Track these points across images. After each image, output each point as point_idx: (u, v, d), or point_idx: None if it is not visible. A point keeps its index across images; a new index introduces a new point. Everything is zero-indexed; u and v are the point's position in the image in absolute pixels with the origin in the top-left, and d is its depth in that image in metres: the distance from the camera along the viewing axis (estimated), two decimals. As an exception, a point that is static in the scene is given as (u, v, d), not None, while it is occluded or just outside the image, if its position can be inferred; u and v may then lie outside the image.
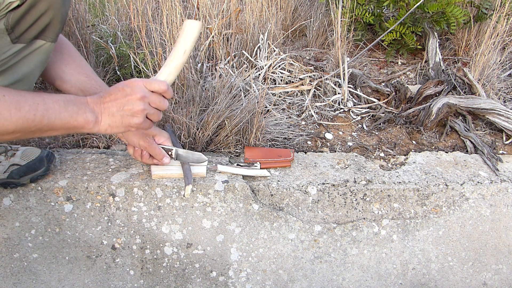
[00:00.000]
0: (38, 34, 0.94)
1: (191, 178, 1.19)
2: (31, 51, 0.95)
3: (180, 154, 1.21)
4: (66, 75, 1.13)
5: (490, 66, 1.80)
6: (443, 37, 2.23)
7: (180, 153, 1.21)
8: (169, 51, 1.44)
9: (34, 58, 0.97)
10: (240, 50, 1.81)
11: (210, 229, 1.30)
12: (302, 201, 1.30)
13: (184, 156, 1.22)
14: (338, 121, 1.66)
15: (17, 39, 0.91)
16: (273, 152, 1.38)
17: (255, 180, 1.29)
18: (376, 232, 1.35)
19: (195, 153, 1.22)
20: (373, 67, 2.03)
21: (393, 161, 1.47)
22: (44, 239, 1.29)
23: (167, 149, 1.20)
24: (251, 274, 1.38)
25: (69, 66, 1.14)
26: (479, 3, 1.98)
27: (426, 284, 1.46)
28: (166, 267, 1.36)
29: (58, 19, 0.95)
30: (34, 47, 0.95)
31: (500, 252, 1.44)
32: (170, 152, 1.21)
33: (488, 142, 1.58)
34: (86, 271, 1.35)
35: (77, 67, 1.15)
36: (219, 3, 1.83)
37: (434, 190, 1.32)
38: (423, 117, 1.62)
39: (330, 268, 1.40)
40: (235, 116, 1.37)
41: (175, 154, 1.21)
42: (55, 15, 0.93)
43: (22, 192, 1.22)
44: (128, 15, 1.96)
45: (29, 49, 0.95)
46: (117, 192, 1.24)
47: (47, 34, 0.95)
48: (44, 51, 0.98)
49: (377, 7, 2.04)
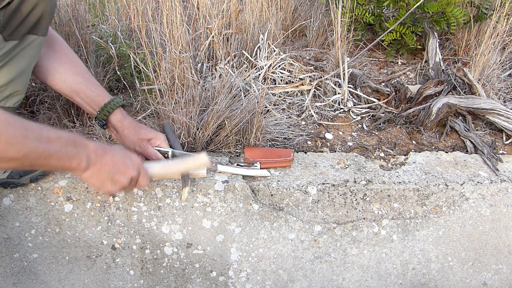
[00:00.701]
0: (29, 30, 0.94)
1: (188, 180, 1.18)
2: (24, 47, 0.95)
3: (176, 156, 1.21)
4: (60, 75, 1.11)
5: (490, 66, 1.80)
6: (443, 37, 2.23)
7: (176, 154, 1.20)
8: (169, 51, 1.44)
9: (26, 53, 0.96)
10: (240, 50, 1.81)
11: (210, 229, 1.30)
12: (302, 201, 1.30)
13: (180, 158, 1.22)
14: (338, 121, 1.66)
15: (10, 36, 0.91)
16: (273, 152, 1.38)
17: (255, 180, 1.29)
18: (376, 232, 1.35)
19: (191, 154, 1.21)
20: (373, 67, 2.03)
21: (393, 161, 1.47)
22: (44, 239, 1.29)
23: (163, 151, 1.19)
24: (251, 274, 1.38)
25: (63, 65, 1.11)
26: (479, 3, 1.98)
27: (426, 284, 1.46)
28: (166, 267, 1.36)
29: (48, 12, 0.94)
30: (26, 42, 0.95)
31: (500, 252, 1.44)
32: (166, 154, 1.20)
33: (488, 142, 1.58)
34: (86, 271, 1.35)
35: (72, 67, 1.13)
36: (219, 3, 1.83)
37: (434, 190, 1.32)
38: (423, 117, 1.62)
39: (330, 268, 1.40)
40: (235, 116, 1.37)
41: (171, 156, 1.20)
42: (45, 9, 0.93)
43: (22, 192, 1.22)
44: (128, 15, 1.96)
45: (21, 46, 0.95)
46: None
47: (38, 29, 0.95)
48: (36, 46, 0.97)
49: (377, 7, 2.04)
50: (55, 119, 1.46)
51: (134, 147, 1.17)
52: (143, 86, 1.57)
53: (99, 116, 1.14)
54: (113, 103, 1.14)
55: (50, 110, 1.48)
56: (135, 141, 1.16)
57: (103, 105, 1.13)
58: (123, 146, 1.19)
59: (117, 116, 1.15)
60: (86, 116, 1.46)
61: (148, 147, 1.17)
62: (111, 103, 1.14)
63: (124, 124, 1.16)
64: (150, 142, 1.18)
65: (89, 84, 1.14)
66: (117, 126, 1.17)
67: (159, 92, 1.45)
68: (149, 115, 1.52)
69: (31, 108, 1.51)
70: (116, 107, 1.14)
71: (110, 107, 1.13)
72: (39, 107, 1.50)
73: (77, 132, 1.42)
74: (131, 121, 1.18)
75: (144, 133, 1.17)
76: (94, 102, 1.14)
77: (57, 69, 1.10)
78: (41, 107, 1.50)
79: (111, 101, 1.14)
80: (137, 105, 1.58)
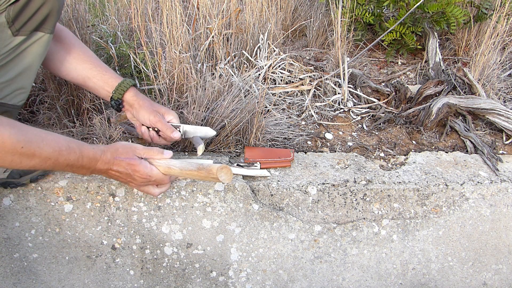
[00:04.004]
0: (37, 26, 0.96)
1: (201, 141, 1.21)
2: (31, 43, 0.98)
3: (188, 131, 1.24)
4: (71, 64, 1.17)
5: (490, 66, 1.80)
6: (443, 37, 2.23)
7: (187, 129, 1.23)
8: (169, 51, 1.44)
9: (33, 50, 0.99)
10: (240, 50, 1.81)
11: (210, 229, 1.30)
12: (302, 201, 1.30)
13: (192, 132, 1.24)
14: (338, 121, 1.66)
15: (18, 31, 0.93)
16: (273, 152, 1.38)
17: (255, 180, 1.29)
18: (376, 232, 1.35)
19: (202, 128, 1.25)
20: (373, 67, 2.03)
21: (393, 161, 1.47)
22: (44, 239, 1.29)
23: (175, 125, 1.22)
24: (251, 274, 1.38)
25: (72, 54, 1.17)
26: (479, 3, 1.98)
27: (426, 284, 1.46)
28: (166, 267, 1.36)
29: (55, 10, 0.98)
30: (34, 39, 0.98)
31: (500, 252, 1.44)
32: (178, 128, 1.22)
33: (488, 142, 1.58)
34: (86, 271, 1.35)
35: (80, 55, 1.18)
36: (219, 3, 1.83)
37: (434, 190, 1.32)
38: (423, 117, 1.62)
39: (330, 268, 1.40)
40: (235, 116, 1.37)
41: (182, 131, 1.23)
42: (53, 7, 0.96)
43: (22, 192, 1.22)
44: (128, 15, 1.96)
45: (28, 42, 0.97)
46: (117, 192, 1.24)
47: (45, 26, 0.98)
48: (43, 43, 1.00)
49: (377, 7, 2.04)
50: (55, 119, 1.46)
51: (149, 116, 1.20)
52: (143, 86, 1.58)
53: (114, 96, 1.20)
54: (126, 82, 1.20)
55: (50, 110, 1.48)
56: (151, 111, 1.20)
57: (117, 85, 1.19)
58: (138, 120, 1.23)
59: (131, 93, 1.21)
60: (86, 116, 1.46)
61: (162, 117, 1.21)
62: (124, 82, 1.20)
63: (139, 98, 1.22)
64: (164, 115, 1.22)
65: (100, 68, 1.19)
66: (132, 101, 1.22)
67: (159, 92, 1.45)
68: (149, 115, 1.52)
69: (31, 108, 1.51)
70: (130, 86, 1.20)
71: (124, 86, 1.19)
72: (39, 107, 1.50)
73: (78, 130, 1.42)
74: (144, 97, 1.24)
75: (158, 106, 1.23)
76: (108, 84, 1.20)
77: (67, 59, 1.16)
78: (41, 107, 1.50)
79: (124, 81, 1.20)
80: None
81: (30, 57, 0.99)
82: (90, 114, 1.46)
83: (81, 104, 1.47)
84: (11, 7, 0.90)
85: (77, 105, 1.48)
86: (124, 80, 1.20)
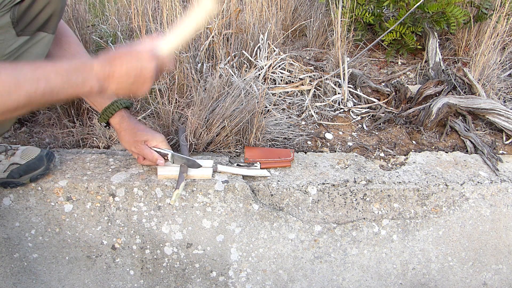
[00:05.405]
0: (40, 26, 0.97)
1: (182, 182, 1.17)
2: (33, 43, 0.98)
3: (177, 159, 1.23)
4: None
5: (490, 66, 1.80)
6: (443, 37, 2.23)
7: (177, 158, 1.23)
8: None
9: (35, 50, 0.99)
10: (240, 50, 1.81)
11: (210, 229, 1.30)
12: (302, 201, 1.30)
13: (180, 161, 1.23)
14: (338, 121, 1.66)
15: (22, 31, 0.94)
16: (273, 152, 1.38)
17: (255, 180, 1.29)
18: (376, 232, 1.35)
19: (189, 159, 1.23)
20: (373, 67, 2.03)
21: (393, 161, 1.47)
22: (44, 239, 1.29)
23: (163, 153, 1.21)
24: (251, 274, 1.38)
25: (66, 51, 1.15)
26: (479, 3, 1.98)
27: (426, 284, 1.46)
28: (166, 267, 1.36)
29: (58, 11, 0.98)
30: (36, 39, 0.98)
31: (500, 252, 1.44)
32: (166, 156, 1.22)
33: (488, 142, 1.58)
34: (86, 271, 1.35)
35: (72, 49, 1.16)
36: (219, 3, 1.83)
37: (434, 190, 1.32)
38: (423, 117, 1.62)
39: (330, 268, 1.40)
40: (235, 116, 1.37)
41: (171, 158, 1.22)
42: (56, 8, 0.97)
43: (22, 192, 1.22)
44: (128, 15, 1.96)
45: (31, 42, 0.97)
46: (117, 192, 1.24)
47: (48, 26, 0.99)
48: (45, 44, 1.01)
49: (377, 7, 2.04)
50: (55, 119, 1.46)
51: (130, 147, 1.21)
52: (143, 86, 1.57)
53: (100, 120, 1.21)
54: (112, 107, 1.18)
55: (50, 110, 1.48)
56: (131, 142, 1.20)
57: (103, 109, 1.18)
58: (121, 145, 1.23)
59: (116, 119, 1.20)
60: (86, 116, 1.47)
61: (143, 147, 1.19)
62: (110, 107, 1.18)
63: (122, 126, 1.20)
64: (146, 143, 1.20)
65: None
66: (116, 128, 1.22)
67: (159, 92, 1.45)
68: (149, 115, 1.52)
69: (31, 108, 1.51)
70: (116, 111, 1.18)
71: (109, 111, 1.18)
72: (39, 107, 1.50)
73: (78, 130, 1.42)
74: (130, 123, 1.21)
75: (140, 134, 1.20)
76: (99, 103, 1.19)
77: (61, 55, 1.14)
78: (41, 107, 1.50)
79: (111, 105, 1.18)
80: (137, 105, 1.58)
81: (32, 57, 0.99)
82: (90, 114, 1.46)
83: (81, 104, 1.47)
84: (16, 7, 0.90)
85: (77, 105, 1.48)
86: (112, 104, 1.18)
